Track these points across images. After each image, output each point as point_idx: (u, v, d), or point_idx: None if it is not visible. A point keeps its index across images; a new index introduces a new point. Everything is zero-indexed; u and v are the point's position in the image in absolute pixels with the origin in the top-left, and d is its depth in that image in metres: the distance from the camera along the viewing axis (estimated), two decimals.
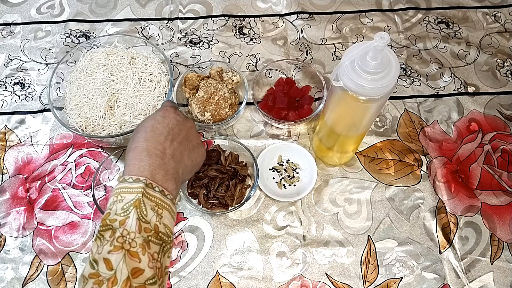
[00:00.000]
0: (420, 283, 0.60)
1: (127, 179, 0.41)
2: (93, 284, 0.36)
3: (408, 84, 0.76)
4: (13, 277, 0.59)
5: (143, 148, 0.44)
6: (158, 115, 0.48)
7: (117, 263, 0.36)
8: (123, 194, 0.40)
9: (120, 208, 0.39)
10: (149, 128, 0.46)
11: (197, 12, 0.84)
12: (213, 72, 0.71)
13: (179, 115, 0.50)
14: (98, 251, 0.38)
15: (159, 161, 0.43)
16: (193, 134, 0.50)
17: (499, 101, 0.75)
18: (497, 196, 0.66)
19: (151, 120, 0.47)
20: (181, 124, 0.49)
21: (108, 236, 0.38)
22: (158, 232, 0.40)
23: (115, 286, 0.35)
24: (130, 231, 0.38)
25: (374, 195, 0.66)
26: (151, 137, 0.45)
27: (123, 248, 0.37)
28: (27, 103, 0.73)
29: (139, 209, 0.39)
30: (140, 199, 0.39)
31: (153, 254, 0.39)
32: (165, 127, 0.47)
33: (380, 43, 0.42)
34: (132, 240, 0.38)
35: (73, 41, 0.80)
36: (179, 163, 0.46)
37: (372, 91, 0.46)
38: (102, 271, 0.36)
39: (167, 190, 0.43)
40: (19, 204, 0.64)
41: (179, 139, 0.47)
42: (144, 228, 0.39)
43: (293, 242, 0.62)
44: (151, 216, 0.40)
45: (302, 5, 0.85)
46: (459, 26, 0.83)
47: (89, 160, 0.68)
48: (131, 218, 0.38)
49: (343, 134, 0.59)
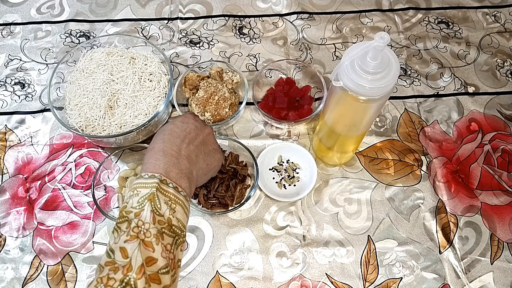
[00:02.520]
0: (420, 283, 0.60)
1: (143, 175, 0.43)
2: (108, 270, 0.37)
3: (408, 84, 0.76)
4: (13, 277, 0.59)
5: (159, 149, 0.46)
6: (177, 120, 0.51)
7: (133, 251, 0.38)
8: (139, 189, 0.42)
9: (135, 202, 0.41)
10: (167, 131, 0.49)
11: (197, 12, 0.84)
12: (213, 72, 0.71)
13: (197, 121, 0.52)
14: (115, 241, 0.39)
15: (174, 161, 0.45)
16: (210, 140, 0.53)
17: (499, 101, 0.75)
18: (497, 196, 0.66)
19: (170, 124, 0.50)
20: (199, 130, 0.51)
21: (124, 227, 0.40)
22: (171, 225, 0.42)
23: (130, 272, 0.37)
24: (145, 221, 0.40)
25: (374, 195, 0.66)
26: (168, 139, 0.47)
27: (138, 238, 0.39)
28: (27, 103, 0.73)
29: (153, 202, 0.41)
30: (154, 193, 0.41)
31: (166, 245, 0.40)
32: (183, 131, 0.49)
33: (380, 43, 0.42)
34: (146, 230, 0.39)
35: (73, 41, 0.80)
36: (194, 164, 0.48)
37: (372, 91, 0.46)
38: (118, 259, 0.38)
39: (181, 187, 0.44)
40: (19, 204, 0.64)
41: (195, 143, 0.49)
42: (158, 220, 0.40)
43: (293, 242, 0.62)
44: (164, 209, 0.41)
45: (302, 5, 0.85)
46: (459, 26, 0.83)
47: (89, 160, 0.68)
48: (146, 210, 0.40)
49: (343, 134, 0.59)
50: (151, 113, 0.65)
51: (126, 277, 0.37)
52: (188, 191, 0.45)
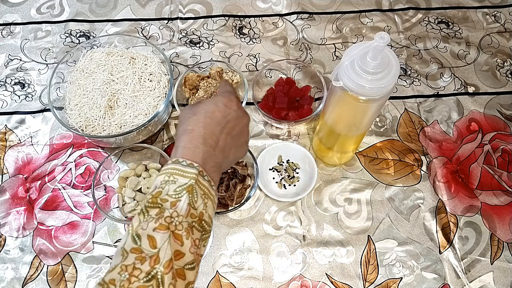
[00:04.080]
0: (420, 283, 0.60)
1: (180, 161, 0.41)
2: (135, 259, 0.36)
3: (408, 84, 0.76)
4: (13, 277, 0.59)
5: (200, 134, 0.43)
6: (220, 102, 0.46)
7: (162, 242, 0.36)
8: (176, 176, 0.40)
9: (172, 190, 0.39)
10: (209, 113, 0.45)
11: (197, 12, 0.84)
12: (213, 72, 0.71)
13: (240, 108, 0.48)
14: (142, 226, 0.37)
15: (211, 152, 0.43)
16: (245, 132, 0.49)
17: (499, 101, 0.75)
18: (497, 196, 0.66)
19: (212, 105, 0.46)
20: (239, 119, 0.47)
21: (154, 213, 0.38)
22: (202, 220, 0.40)
23: (157, 264, 0.35)
24: (179, 213, 0.38)
25: (374, 195, 0.66)
26: (209, 125, 0.44)
27: (169, 229, 0.37)
28: (27, 103, 0.73)
29: (191, 194, 0.39)
30: (193, 185, 0.40)
31: (195, 240, 0.39)
32: (224, 118, 0.45)
33: (380, 43, 0.42)
34: (179, 223, 0.38)
35: (73, 41, 0.80)
36: (225, 158, 0.46)
37: (372, 91, 0.46)
38: (145, 247, 0.36)
39: (213, 180, 0.43)
40: (19, 204, 0.64)
41: (232, 134, 0.46)
42: (191, 213, 0.39)
43: (293, 242, 0.62)
44: (199, 203, 0.40)
45: (302, 5, 0.85)
46: (459, 26, 0.83)
47: (89, 160, 0.68)
48: (183, 202, 0.39)
49: (343, 134, 0.59)
50: (151, 113, 0.65)
51: (153, 269, 0.35)
52: (217, 184, 0.44)
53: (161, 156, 0.66)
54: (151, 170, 0.65)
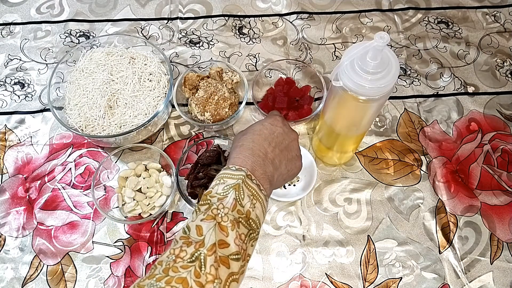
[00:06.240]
0: (420, 283, 0.60)
1: (230, 167, 0.45)
2: (182, 243, 0.39)
3: (408, 84, 0.76)
4: (12, 277, 0.59)
5: (248, 147, 0.48)
6: (267, 122, 0.52)
7: (208, 230, 0.40)
8: (225, 179, 0.44)
9: (221, 189, 0.43)
10: (257, 131, 0.50)
11: (197, 12, 0.84)
12: (213, 72, 0.71)
13: (285, 125, 0.53)
14: (192, 219, 0.41)
15: (260, 162, 0.47)
16: (294, 146, 0.53)
17: (499, 101, 0.75)
18: (497, 196, 0.66)
19: (259, 125, 0.52)
20: (286, 134, 0.52)
21: (204, 209, 0.42)
22: (249, 218, 0.43)
23: (202, 248, 0.38)
24: (225, 206, 0.41)
25: (373, 195, 0.66)
26: (257, 140, 0.49)
27: (215, 220, 0.40)
28: (26, 103, 0.73)
29: (237, 191, 0.43)
30: (239, 184, 0.43)
31: (240, 235, 0.41)
32: (271, 134, 0.50)
33: (380, 43, 0.42)
34: (224, 215, 0.41)
35: (73, 41, 0.80)
36: (276, 169, 0.49)
37: (372, 91, 0.46)
38: (192, 235, 0.40)
39: (263, 186, 0.45)
40: (18, 204, 0.64)
41: (281, 147, 0.51)
42: (238, 209, 0.42)
43: (293, 242, 0.62)
44: (246, 201, 0.43)
45: (302, 5, 0.85)
46: (459, 26, 0.83)
47: (89, 160, 0.68)
48: (229, 197, 0.42)
49: (343, 134, 0.59)
50: (151, 113, 0.65)
51: (197, 251, 0.38)
52: (268, 192, 0.47)
53: (161, 156, 0.66)
54: (151, 170, 0.65)
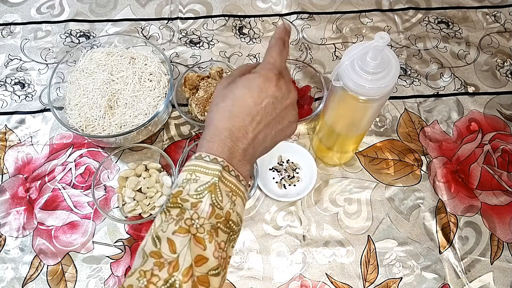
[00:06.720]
0: (420, 283, 0.60)
1: (203, 156, 0.38)
2: (153, 265, 0.34)
3: (408, 84, 0.76)
4: (13, 277, 0.59)
5: (225, 127, 0.39)
6: (254, 84, 0.40)
7: (182, 247, 0.34)
8: (198, 174, 0.37)
9: (193, 189, 0.37)
10: (239, 100, 0.40)
11: (197, 12, 0.84)
12: (213, 72, 0.71)
13: (279, 89, 0.41)
14: (162, 227, 0.35)
15: (239, 145, 0.39)
16: (288, 113, 0.43)
17: (499, 101, 0.75)
18: (497, 196, 0.66)
19: (244, 88, 0.40)
20: (277, 103, 0.41)
21: (175, 214, 0.36)
22: (229, 220, 0.37)
23: (176, 272, 0.33)
24: (200, 215, 0.36)
25: (374, 195, 0.66)
26: (237, 115, 0.39)
27: (190, 232, 0.35)
28: (27, 103, 0.73)
29: (213, 194, 0.36)
30: (216, 183, 0.37)
31: (220, 243, 0.36)
32: (257, 105, 0.40)
33: (380, 43, 0.42)
34: (200, 226, 0.35)
35: (73, 41, 0.80)
36: (259, 146, 0.42)
37: (372, 91, 0.46)
38: (164, 251, 0.34)
39: (242, 175, 0.39)
40: (19, 204, 0.64)
41: (267, 120, 0.41)
42: (216, 214, 0.36)
43: (293, 242, 0.62)
44: (225, 202, 0.37)
45: (302, 5, 0.85)
46: (459, 26, 0.83)
47: (89, 160, 0.68)
48: (204, 203, 0.36)
49: (343, 134, 0.59)
50: (151, 113, 0.65)
51: (172, 277, 0.33)
52: (247, 178, 0.41)
53: (161, 156, 0.66)
54: (151, 170, 0.65)
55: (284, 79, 0.42)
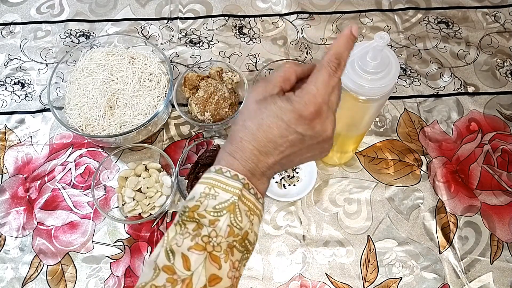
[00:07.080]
0: (420, 283, 0.60)
1: (224, 171, 0.36)
2: (166, 281, 0.32)
3: (408, 84, 0.76)
4: (12, 277, 0.59)
5: (248, 148, 0.37)
6: (284, 117, 0.36)
7: (197, 265, 0.33)
8: (218, 190, 0.35)
9: (212, 206, 0.35)
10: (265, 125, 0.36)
11: (197, 12, 0.84)
12: (213, 72, 0.71)
13: (312, 129, 0.36)
14: (177, 241, 0.34)
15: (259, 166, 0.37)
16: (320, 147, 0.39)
17: (499, 101, 0.75)
18: (497, 196, 0.66)
19: (274, 117, 0.36)
20: (308, 139, 0.37)
21: (191, 228, 0.34)
22: (245, 239, 0.36)
23: None
24: (218, 234, 0.34)
25: (374, 195, 0.66)
26: (261, 139, 0.37)
27: (206, 250, 0.33)
28: (26, 103, 0.73)
29: (233, 214, 0.35)
30: (235, 203, 0.35)
31: (234, 262, 0.35)
32: (283, 137, 0.36)
33: (380, 43, 0.42)
34: (217, 244, 0.34)
35: (73, 41, 0.80)
36: (280, 168, 0.40)
37: (372, 91, 0.46)
38: (178, 267, 0.33)
39: (260, 192, 0.38)
40: (18, 204, 0.64)
41: (292, 150, 0.38)
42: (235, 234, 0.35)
43: (293, 242, 0.62)
44: (245, 222, 0.36)
45: (302, 5, 0.85)
46: (459, 26, 0.83)
47: (89, 160, 0.68)
48: (222, 222, 0.34)
49: (343, 134, 0.59)
50: (151, 113, 0.65)
51: None
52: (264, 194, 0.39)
53: (161, 156, 0.66)
54: (151, 170, 0.65)
55: (321, 117, 0.36)
